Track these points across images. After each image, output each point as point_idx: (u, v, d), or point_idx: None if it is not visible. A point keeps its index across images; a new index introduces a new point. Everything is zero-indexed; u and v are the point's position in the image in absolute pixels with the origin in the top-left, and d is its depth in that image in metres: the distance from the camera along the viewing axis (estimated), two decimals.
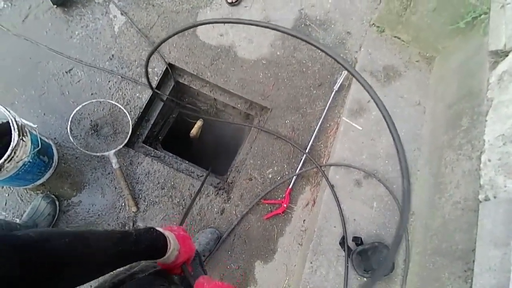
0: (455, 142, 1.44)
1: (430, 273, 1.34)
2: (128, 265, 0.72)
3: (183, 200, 1.65)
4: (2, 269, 0.44)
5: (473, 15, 1.51)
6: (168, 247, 0.73)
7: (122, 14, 1.87)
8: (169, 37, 1.00)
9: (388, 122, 0.62)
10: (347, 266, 1.46)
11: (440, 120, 1.61)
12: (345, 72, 1.78)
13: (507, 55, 1.32)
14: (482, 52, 1.44)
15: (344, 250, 1.47)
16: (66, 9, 1.84)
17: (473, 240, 1.18)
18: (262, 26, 0.81)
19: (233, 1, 1.91)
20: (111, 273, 0.67)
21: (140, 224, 1.60)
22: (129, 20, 1.86)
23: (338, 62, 0.69)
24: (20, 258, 0.47)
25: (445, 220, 1.35)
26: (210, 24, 1.89)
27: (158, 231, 0.74)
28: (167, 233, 0.75)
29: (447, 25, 1.64)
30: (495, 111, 1.27)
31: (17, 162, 1.30)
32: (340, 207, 1.54)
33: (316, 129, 1.74)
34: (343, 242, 1.49)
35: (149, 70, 1.80)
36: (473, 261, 1.15)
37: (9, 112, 1.27)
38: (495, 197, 1.14)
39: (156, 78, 1.80)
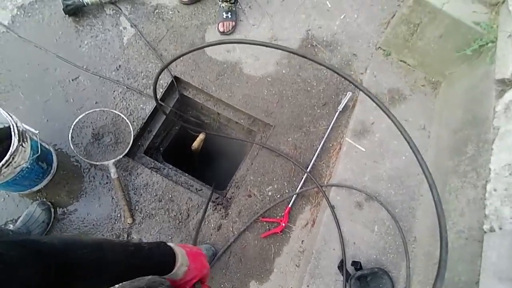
0: (460, 168, 1.41)
1: None
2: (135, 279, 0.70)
3: (180, 214, 1.62)
4: (23, 274, 0.43)
5: (480, 43, 1.52)
6: (176, 263, 0.70)
7: (131, 26, 1.90)
8: (183, 54, 1.00)
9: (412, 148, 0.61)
10: None
11: (445, 145, 1.58)
12: (349, 93, 1.77)
13: None
14: (489, 80, 1.43)
15: (343, 275, 1.43)
16: (77, 19, 1.88)
17: (476, 272, 1.13)
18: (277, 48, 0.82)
19: (225, 31, 1.92)
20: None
21: (135, 237, 1.57)
22: (138, 33, 1.89)
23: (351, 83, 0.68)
24: (43, 265, 0.47)
25: (448, 249, 1.30)
26: None
27: (169, 246, 0.72)
28: (177, 248, 0.73)
29: (453, 52, 1.64)
30: (502, 140, 1.25)
31: (15, 168, 1.29)
32: (340, 229, 1.51)
33: (319, 148, 1.72)
34: (341, 266, 1.44)
35: None
36: None
37: (11, 117, 1.27)
38: (500, 229, 1.10)
39: (161, 90, 1.81)
